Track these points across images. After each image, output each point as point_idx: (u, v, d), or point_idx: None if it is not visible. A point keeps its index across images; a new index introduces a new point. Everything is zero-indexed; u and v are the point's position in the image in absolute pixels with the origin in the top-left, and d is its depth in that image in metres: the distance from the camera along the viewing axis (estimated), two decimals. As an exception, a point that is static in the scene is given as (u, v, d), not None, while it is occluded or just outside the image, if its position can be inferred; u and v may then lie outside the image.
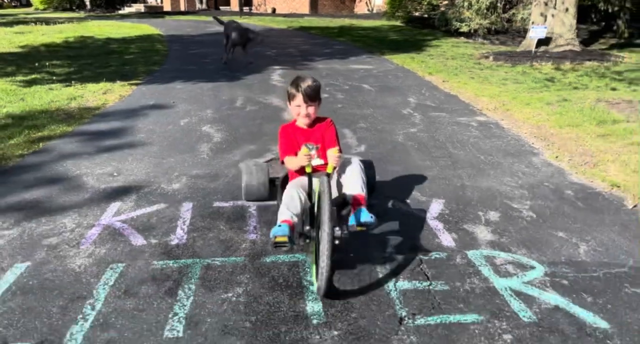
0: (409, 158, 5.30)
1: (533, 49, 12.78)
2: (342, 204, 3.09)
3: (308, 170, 2.97)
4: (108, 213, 3.81)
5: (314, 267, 2.89)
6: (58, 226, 3.59)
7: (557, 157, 5.41)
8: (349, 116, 6.97)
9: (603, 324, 2.64)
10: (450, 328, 2.59)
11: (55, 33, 17.59)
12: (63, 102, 7.34)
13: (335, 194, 3.09)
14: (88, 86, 8.57)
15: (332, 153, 3.00)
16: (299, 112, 3.21)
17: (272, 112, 7.14)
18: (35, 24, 21.54)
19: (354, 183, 3.12)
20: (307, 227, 2.93)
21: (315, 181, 3.03)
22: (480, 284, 3.00)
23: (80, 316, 2.62)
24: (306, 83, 3.13)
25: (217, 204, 4.03)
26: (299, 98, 3.16)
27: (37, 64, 10.51)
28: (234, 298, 2.80)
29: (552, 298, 2.87)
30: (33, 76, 9.34)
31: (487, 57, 12.74)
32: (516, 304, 2.80)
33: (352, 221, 2.93)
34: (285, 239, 2.73)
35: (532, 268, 3.19)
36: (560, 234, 3.65)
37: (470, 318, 2.68)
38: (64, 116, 6.60)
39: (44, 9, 35.43)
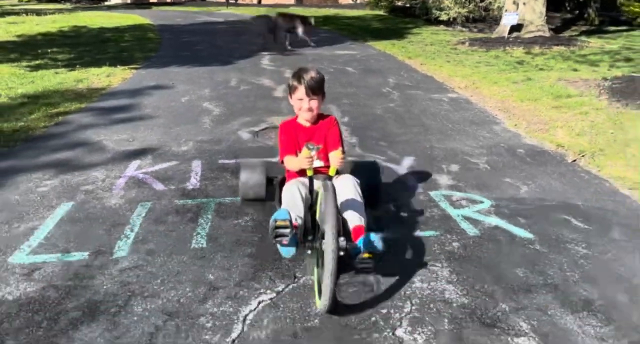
0: (386, 126, 6.05)
1: (506, 35, 13.60)
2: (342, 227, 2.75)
3: (309, 173, 2.74)
4: (130, 168, 4.52)
5: (316, 282, 2.61)
6: (90, 177, 4.29)
7: (515, 125, 6.20)
8: (334, 94, 7.70)
9: (529, 235, 3.43)
10: (413, 239, 3.35)
11: (49, 23, 18.06)
12: (71, 83, 7.98)
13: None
14: (91, 70, 9.20)
15: (336, 155, 2.75)
16: (300, 106, 2.96)
17: (264, 91, 7.85)
18: (27, 14, 21.89)
19: (351, 214, 2.78)
20: (309, 238, 2.65)
21: (317, 183, 2.81)
22: (438, 212, 3.76)
23: (123, 235, 3.34)
24: (309, 75, 2.88)
25: (221, 161, 4.75)
26: (301, 91, 2.90)
27: (39, 51, 11.09)
28: (243, 223, 3.54)
29: (494, 220, 3.65)
30: (37, 62, 9.94)
31: (463, 43, 13.51)
32: (465, 225, 3.57)
33: (355, 251, 2.55)
34: (286, 223, 2.47)
35: (481, 202, 3.96)
36: (507, 180, 4.43)
37: (428, 233, 3.44)
38: (74, 95, 7.25)
39: (28, 1, 35.51)
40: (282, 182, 3.22)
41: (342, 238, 2.39)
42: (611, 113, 6.42)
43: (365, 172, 3.51)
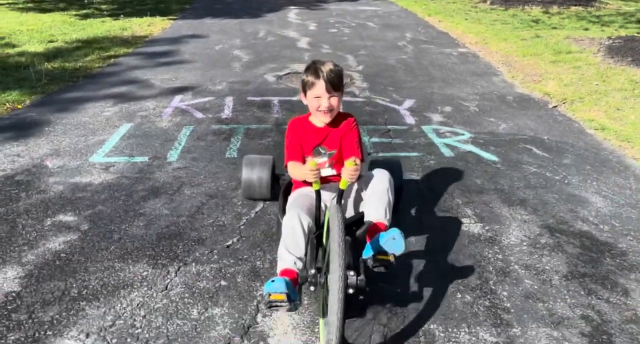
0: (396, 75, 6.83)
1: (528, -6, 13.92)
2: (358, 221, 2.49)
3: (316, 187, 2.34)
4: (175, 101, 5.46)
5: (322, 322, 2.21)
6: (143, 106, 5.25)
7: (512, 76, 6.91)
8: (352, 46, 8.46)
9: (495, 158, 4.27)
10: (400, 157, 4.23)
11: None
12: (117, 31, 8.91)
13: (351, 212, 2.60)
14: (133, 19, 10.10)
15: (349, 166, 2.25)
16: (318, 105, 2.47)
17: (289, 42, 8.65)
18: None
19: (376, 206, 2.43)
20: (312, 271, 2.19)
21: (326, 195, 2.52)
22: (424, 141, 4.62)
23: (173, 147, 4.29)
24: (327, 67, 2.43)
25: (250, 98, 5.65)
26: (320, 87, 2.42)
27: (85, 1, 12.00)
28: (266, 143, 4.45)
29: (468, 147, 4.49)
30: (84, 11, 10.88)
31: (484, 2, 13.91)
32: (444, 149, 4.42)
33: (367, 252, 2.24)
34: (283, 297, 2.04)
35: (462, 134, 4.79)
36: (490, 119, 5.23)
37: (412, 154, 4.31)
38: (121, 41, 8.18)
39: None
40: (288, 189, 2.84)
41: (351, 272, 2.04)
42: (601, 68, 7.06)
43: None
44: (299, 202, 2.46)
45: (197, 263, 2.80)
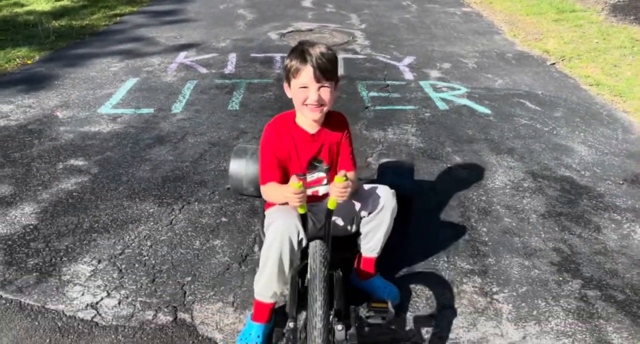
0: (398, 33, 6.90)
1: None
2: (352, 238, 2.21)
3: (301, 211, 1.86)
4: (180, 57, 5.60)
5: None
6: (149, 62, 5.39)
7: (514, 35, 6.95)
8: (356, 5, 8.48)
9: (487, 111, 4.41)
10: (395, 110, 4.38)
11: None
12: (122, -10, 8.95)
13: (345, 227, 2.17)
14: (138, -21, 10.10)
15: (338, 182, 1.80)
16: (305, 97, 1.91)
17: (293, 1, 8.67)
18: None
19: (376, 240, 2.12)
20: (290, 324, 1.71)
21: (315, 215, 2.06)
22: (421, 95, 4.75)
23: (177, 100, 4.46)
24: (317, 50, 1.88)
25: (253, 54, 5.77)
26: (307, 74, 1.87)
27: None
28: (267, 96, 4.61)
29: (463, 101, 4.62)
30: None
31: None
32: (439, 103, 4.56)
33: (356, 281, 2.24)
34: None
35: (459, 89, 4.92)
36: (488, 76, 5.33)
37: (408, 107, 4.46)
38: (127, 0, 8.25)
39: None
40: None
41: (339, 326, 1.62)
42: (603, 26, 7.08)
43: (392, 177, 2.61)
44: (281, 223, 1.84)
45: (200, 202, 3.01)
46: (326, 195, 2.12)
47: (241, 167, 2.59)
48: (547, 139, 3.91)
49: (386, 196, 2.05)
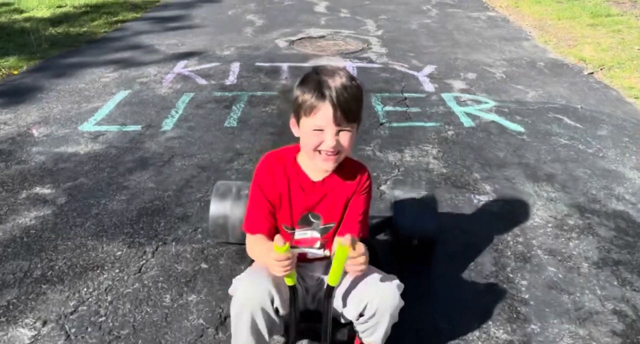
0: (417, 40, 6.36)
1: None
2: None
3: (290, 282, 1.44)
4: (178, 66, 5.14)
5: None
6: (145, 72, 4.94)
7: (545, 41, 6.36)
8: (373, 10, 7.96)
9: (520, 129, 3.85)
10: (414, 128, 3.84)
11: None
12: (128, -4, 8.58)
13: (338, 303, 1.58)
14: (147, -16, 9.73)
15: (344, 252, 1.34)
16: (319, 142, 1.46)
17: (306, 6, 8.20)
18: None
19: (378, 333, 1.55)
20: None
21: (306, 282, 1.67)
22: (443, 109, 4.20)
23: (169, 115, 3.99)
24: (338, 82, 1.43)
25: (258, 64, 5.29)
26: (324, 114, 1.42)
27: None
28: (269, 111, 4.11)
29: (491, 116, 4.07)
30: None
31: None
32: (464, 119, 4.01)
33: None
34: None
35: (486, 102, 4.36)
36: (518, 87, 4.76)
37: (429, 124, 3.92)
38: (131, 6, 7.86)
39: None
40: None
41: None
42: (644, 31, 6.45)
43: (410, 216, 2.19)
44: (248, 289, 1.43)
45: (178, 243, 2.52)
46: (316, 260, 1.66)
47: (224, 210, 2.24)
48: (592, 163, 3.33)
49: (385, 295, 1.47)
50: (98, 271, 2.32)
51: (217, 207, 2.24)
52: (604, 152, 3.49)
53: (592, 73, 5.20)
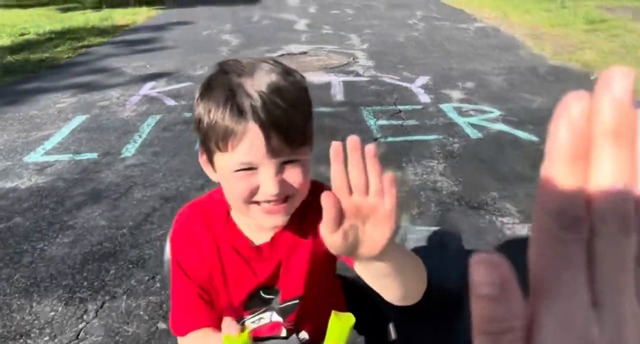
0: (406, 52, 5.94)
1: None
2: None
3: None
4: (145, 88, 4.63)
5: None
6: (107, 96, 4.42)
7: (542, 49, 5.97)
8: (357, 26, 7.57)
9: (534, 138, 3.37)
10: (414, 142, 3.35)
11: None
12: (96, 22, 8.13)
13: None
14: (117, 10, 9.33)
15: (340, 321, 0.78)
16: (250, 191, 0.78)
17: (285, 24, 7.80)
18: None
19: None
20: None
21: None
22: (444, 121, 3.72)
23: (132, 140, 3.46)
24: (262, 82, 0.76)
25: (235, 82, 4.79)
26: (252, 141, 0.75)
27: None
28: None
29: (499, 126, 3.59)
30: (66, 5, 10.15)
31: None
32: (470, 130, 3.52)
33: None
34: None
35: (491, 112, 3.89)
36: (522, 95, 4.31)
37: (431, 137, 3.42)
38: (99, 31, 7.40)
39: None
40: None
41: None
42: (645, 34, 6.10)
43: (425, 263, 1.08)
44: None
45: (130, 296, 1.96)
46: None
47: None
48: (627, 173, 2.84)
49: None
50: (21, 341, 1.75)
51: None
52: (636, 160, 3.00)
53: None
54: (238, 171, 0.77)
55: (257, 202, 0.80)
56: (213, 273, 0.91)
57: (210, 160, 0.82)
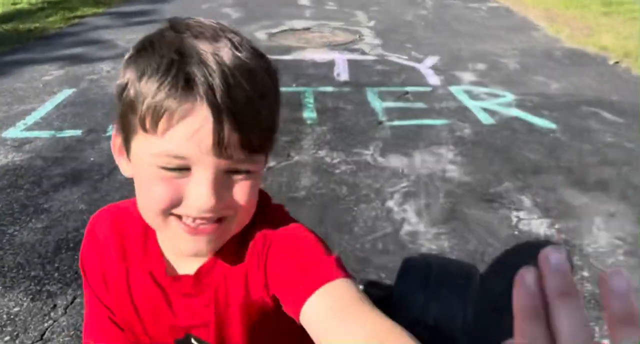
0: (414, 31, 5.66)
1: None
2: None
3: None
4: (139, 62, 4.38)
5: None
6: (97, 69, 4.18)
7: (557, 31, 5.69)
8: (363, 2, 7.26)
9: (551, 125, 3.14)
10: (422, 127, 3.12)
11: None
12: (93, -8, 7.81)
13: None
14: (116, -19, 8.97)
15: None
16: (170, 198, 0.54)
17: (289, -1, 7.49)
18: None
19: None
20: None
21: None
22: (454, 104, 3.49)
23: (120, 117, 3.23)
24: (223, 52, 0.52)
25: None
26: (192, 125, 0.51)
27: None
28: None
29: (514, 112, 3.35)
30: (64, -25, 9.78)
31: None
32: (481, 115, 3.29)
33: None
34: None
35: (504, 96, 3.65)
36: (537, 78, 4.06)
37: (439, 121, 3.20)
38: (94, 1, 7.07)
39: None
40: None
41: None
42: (666, 17, 5.80)
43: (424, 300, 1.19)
44: None
45: (104, 291, 1.75)
46: None
47: None
48: (652, 166, 2.62)
49: None
50: (-22, 341, 1.56)
51: None
52: (661, 152, 2.78)
53: (617, 62, 4.51)
54: (163, 168, 0.53)
55: (176, 217, 0.56)
56: (122, 302, 0.68)
57: (127, 143, 0.58)
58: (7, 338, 1.59)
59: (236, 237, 0.62)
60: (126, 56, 0.57)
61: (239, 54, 0.53)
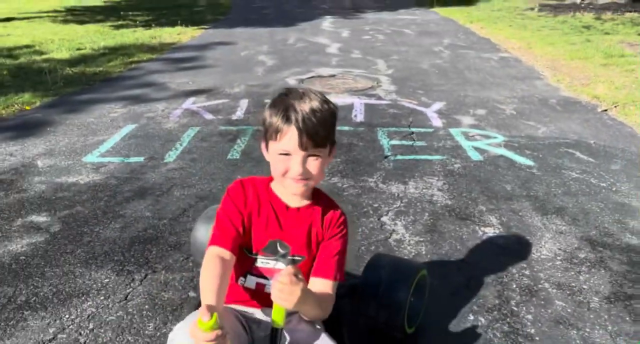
0: (427, 78, 6.37)
1: (579, 0, 13.17)
2: None
3: None
4: (187, 102, 5.18)
5: None
6: (153, 108, 4.99)
7: (558, 80, 6.32)
8: (385, 51, 8.06)
9: (530, 163, 3.74)
10: (419, 161, 3.76)
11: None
12: (146, 39, 8.84)
13: None
14: (165, 29, 10.05)
15: (281, 277, 1.22)
16: (285, 168, 1.38)
17: (318, 47, 8.34)
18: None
19: None
20: None
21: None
22: (450, 143, 4.13)
23: (173, 148, 3.98)
24: (306, 106, 1.35)
25: (267, 100, 5.30)
26: (290, 139, 1.34)
27: (122, 14, 12.14)
28: (274, 144, 4.08)
29: (500, 151, 3.97)
30: (119, 23, 10.95)
31: (532, 9, 13.25)
32: (472, 153, 3.92)
33: None
34: None
35: (495, 137, 4.28)
36: (529, 123, 4.68)
37: (435, 157, 3.84)
38: (148, 48, 8.08)
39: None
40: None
41: None
42: (659, 70, 6.37)
43: (381, 286, 1.87)
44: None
45: (168, 271, 2.44)
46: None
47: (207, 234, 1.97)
48: (605, 197, 3.20)
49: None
50: (83, 298, 2.24)
51: (202, 232, 2.08)
52: (617, 187, 3.35)
53: (605, 110, 5.10)
54: (281, 154, 1.36)
55: (287, 178, 1.39)
56: (252, 214, 1.47)
57: (267, 145, 1.42)
58: (102, 297, 2.26)
59: (318, 198, 1.52)
60: (268, 104, 1.40)
61: (313, 105, 1.33)
